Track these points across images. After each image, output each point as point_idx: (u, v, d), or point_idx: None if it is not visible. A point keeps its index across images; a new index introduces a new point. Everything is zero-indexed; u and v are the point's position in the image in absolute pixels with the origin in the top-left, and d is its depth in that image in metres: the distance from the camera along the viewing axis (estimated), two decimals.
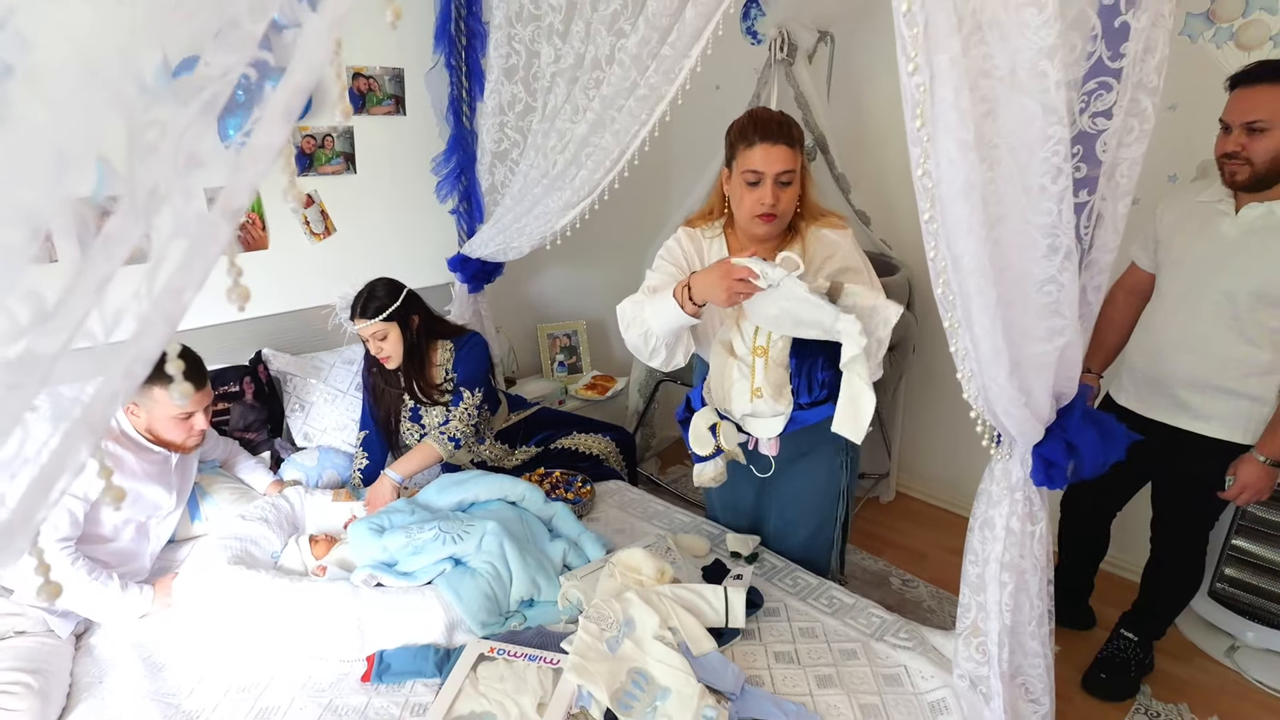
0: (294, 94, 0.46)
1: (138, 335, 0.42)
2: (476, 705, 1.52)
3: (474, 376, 2.35)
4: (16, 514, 0.44)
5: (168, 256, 0.43)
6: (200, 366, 1.88)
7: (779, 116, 1.69)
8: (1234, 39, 2.23)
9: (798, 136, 1.69)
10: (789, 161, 1.64)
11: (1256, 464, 1.93)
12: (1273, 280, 1.84)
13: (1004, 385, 1.25)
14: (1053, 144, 0.97)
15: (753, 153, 1.64)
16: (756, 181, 1.65)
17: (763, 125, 1.65)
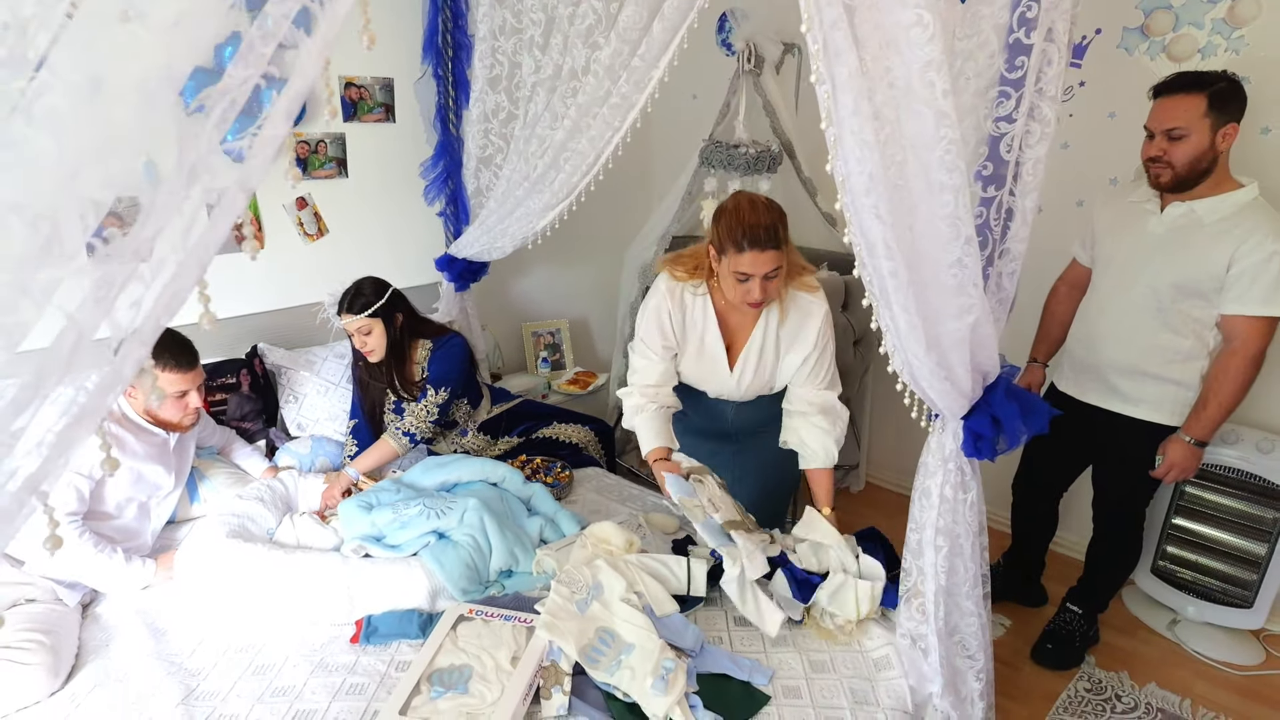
0: (293, 99, 0.60)
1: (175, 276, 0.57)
2: (455, 659, 1.65)
3: (444, 376, 2.43)
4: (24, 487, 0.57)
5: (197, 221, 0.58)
6: (189, 348, 1.98)
7: (766, 221, 1.77)
8: (1166, 51, 2.40)
9: (785, 230, 1.80)
10: (777, 261, 1.78)
11: (1182, 444, 2.09)
12: (1192, 273, 2.00)
13: (923, 359, 1.40)
14: (945, 144, 1.12)
15: (742, 258, 1.77)
16: (746, 279, 1.80)
17: (751, 234, 1.75)
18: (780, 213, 1.81)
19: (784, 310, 1.93)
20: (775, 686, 1.65)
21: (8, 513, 0.56)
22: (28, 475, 0.57)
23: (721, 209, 1.84)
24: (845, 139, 1.11)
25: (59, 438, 0.57)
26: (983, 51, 1.29)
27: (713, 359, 2.01)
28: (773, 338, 1.96)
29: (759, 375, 2.01)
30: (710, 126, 2.90)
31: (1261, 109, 2.20)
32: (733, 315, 1.99)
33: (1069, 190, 2.64)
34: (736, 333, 2.00)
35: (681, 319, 2.01)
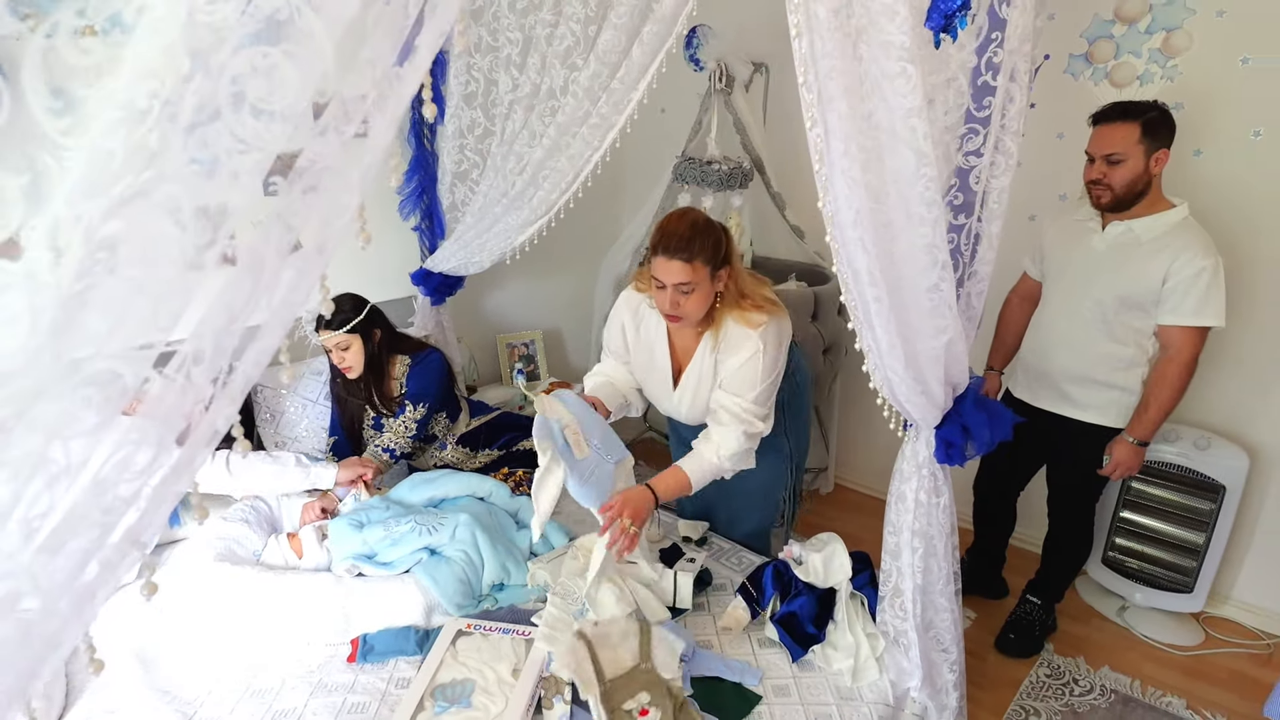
0: (365, 171, 0.66)
1: (260, 337, 0.62)
2: (457, 673, 1.70)
3: (422, 391, 2.45)
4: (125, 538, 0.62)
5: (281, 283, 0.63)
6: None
7: (683, 231, 1.75)
8: (1108, 78, 2.56)
9: (704, 247, 1.75)
10: (686, 275, 1.75)
11: (1127, 444, 2.24)
12: (1132, 287, 2.15)
13: (902, 375, 1.50)
14: (925, 181, 1.22)
15: (656, 262, 1.78)
16: (662, 286, 1.82)
17: (665, 241, 1.76)
18: (711, 233, 1.77)
19: (720, 339, 1.92)
20: (765, 686, 1.73)
21: (110, 564, 0.61)
22: (128, 528, 0.61)
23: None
24: (835, 178, 1.19)
25: (155, 492, 0.62)
26: (951, 89, 1.39)
27: (660, 375, 2.06)
28: (710, 364, 1.95)
29: (698, 399, 2.00)
30: (679, 140, 2.98)
31: (1193, 133, 2.36)
32: (680, 336, 2.01)
33: (1021, 206, 2.78)
34: (683, 355, 2.02)
35: (636, 331, 2.07)
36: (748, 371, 1.87)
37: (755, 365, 1.86)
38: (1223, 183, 2.42)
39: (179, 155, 0.57)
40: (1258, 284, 2.44)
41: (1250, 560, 2.66)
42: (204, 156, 0.59)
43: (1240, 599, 2.71)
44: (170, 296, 0.59)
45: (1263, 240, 2.41)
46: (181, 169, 0.57)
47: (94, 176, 0.53)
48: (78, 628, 0.64)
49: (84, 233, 0.53)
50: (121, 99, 0.54)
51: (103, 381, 0.58)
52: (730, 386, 1.90)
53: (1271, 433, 2.54)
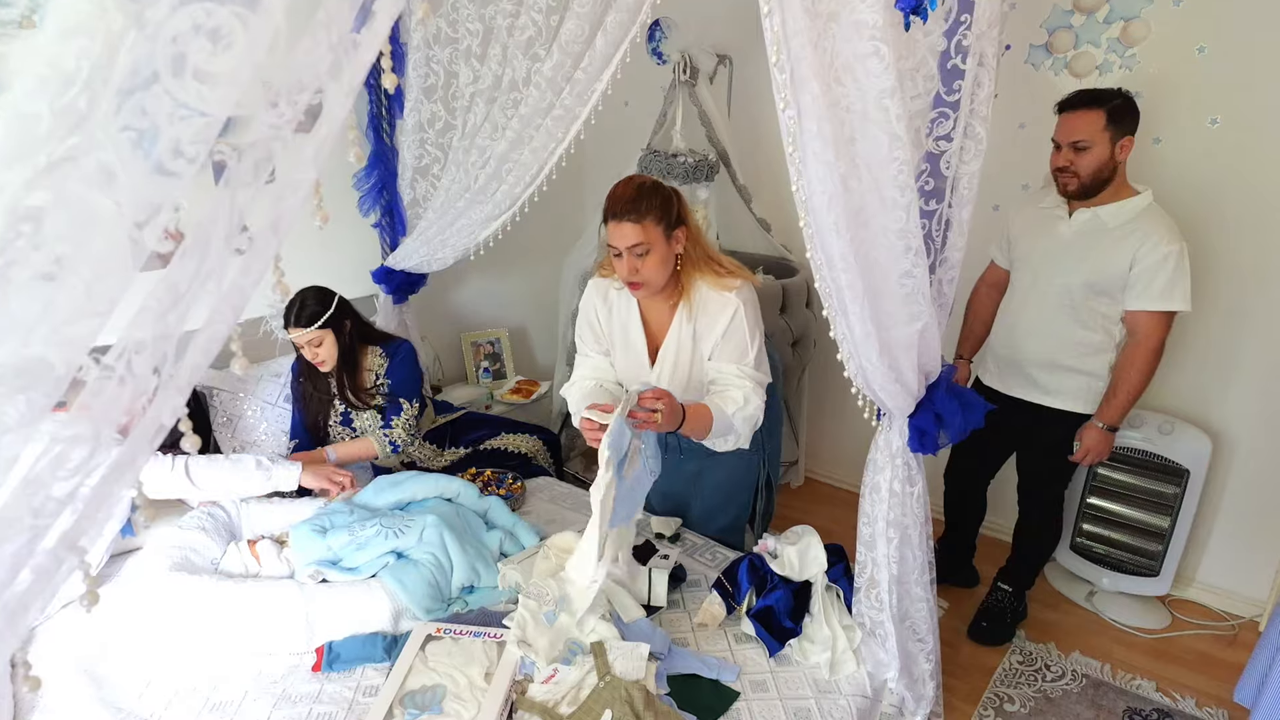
0: (320, 144, 0.61)
1: (209, 323, 0.57)
2: (427, 679, 1.64)
3: (410, 386, 2.46)
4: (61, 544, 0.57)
5: (230, 266, 0.58)
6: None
7: (631, 193, 1.74)
8: (1068, 68, 2.59)
9: (652, 207, 1.74)
10: (638, 236, 1.74)
11: (1096, 430, 2.26)
12: (1099, 273, 2.17)
13: (876, 364, 1.48)
14: (898, 164, 1.20)
15: (609, 229, 1.77)
16: (618, 254, 1.79)
17: (614, 202, 1.75)
18: (659, 193, 1.75)
19: (695, 308, 1.90)
20: (743, 682, 1.71)
21: (44, 571, 0.55)
22: (63, 532, 0.56)
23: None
24: (808, 161, 1.17)
25: (94, 493, 0.56)
26: (920, 73, 1.38)
27: (636, 354, 2.03)
28: (689, 333, 1.92)
29: (678, 372, 1.98)
30: (643, 134, 2.95)
31: (1152, 121, 2.40)
32: (652, 312, 1.99)
33: (985, 196, 2.76)
34: (658, 330, 2.00)
35: (608, 314, 2.03)
36: (735, 335, 1.86)
37: (740, 327, 1.85)
38: (1182, 170, 2.46)
39: (111, 121, 0.52)
40: (1216, 269, 2.48)
41: (1214, 543, 2.72)
42: (141, 124, 0.54)
43: (1205, 581, 2.76)
44: (105, 277, 0.54)
45: (1221, 226, 2.46)
46: (115, 136, 0.52)
47: (16, 142, 0.48)
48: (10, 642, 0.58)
49: (6, 204, 0.48)
50: (46, 57, 0.49)
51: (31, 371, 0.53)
52: (724, 355, 1.88)
53: (1233, 416, 2.59)
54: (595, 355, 2.09)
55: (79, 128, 0.50)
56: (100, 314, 0.55)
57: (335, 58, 0.60)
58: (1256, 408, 2.55)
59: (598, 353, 2.09)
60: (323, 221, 0.71)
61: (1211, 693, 2.34)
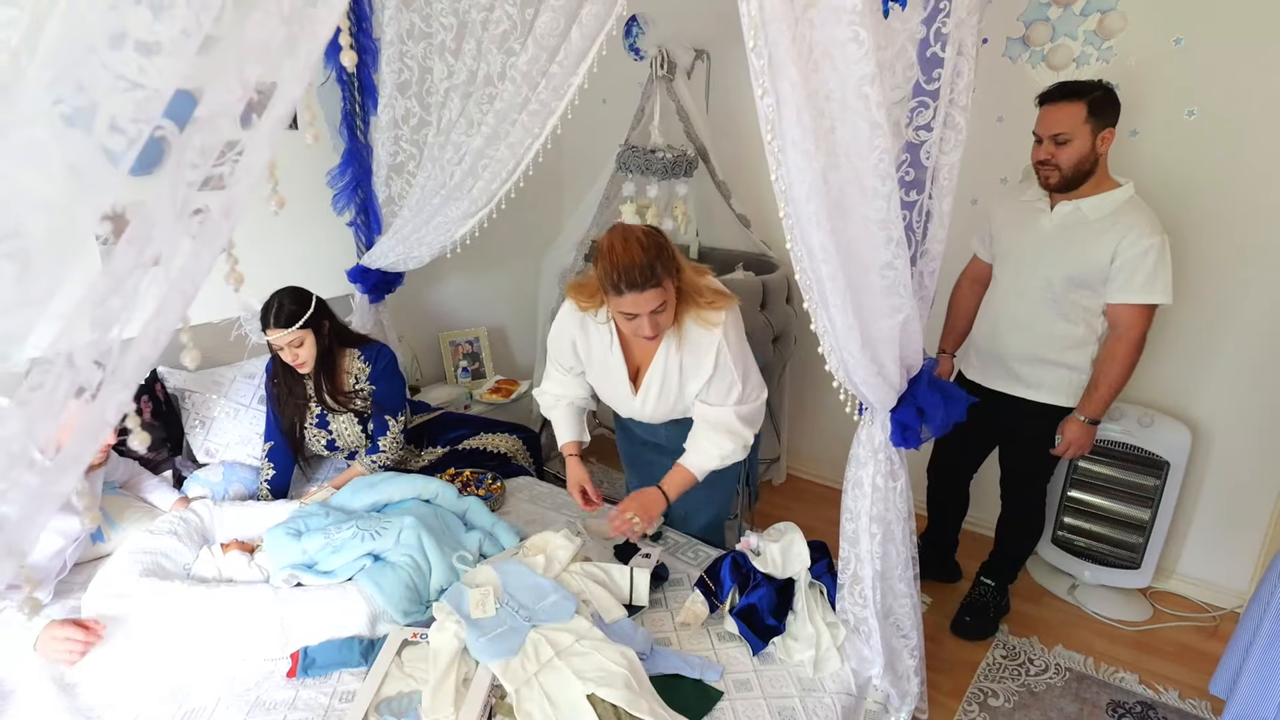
0: (275, 123, 0.58)
1: (158, 313, 0.53)
2: (404, 686, 1.61)
3: (396, 399, 2.45)
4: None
5: (179, 251, 0.54)
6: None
7: (640, 261, 1.68)
8: (1045, 61, 2.59)
9: (665, 266, 1.71)
10: (658, 298, 1.72)
11: (1078, 423, 2.26)
12: (1081, 266, 2.16)
13: (858, 357, 1.46)
14: (878, 153, 1.18)
15: (623, 300, 1.71)
16: (633, 317, 1.76)
17: (627, 276, 1.68)
18: (658, 246, 1.72)
19: (682, 338, 1.89)
20: (726, 681, 1.69)
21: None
22: None
23: (598, 250, 1.75)
24: (788, 149, 1.15)
25: (33, 494, 0.53)
26: (900, 62, 1.36)
27: (616, 384, 2.01)
28: (675, 365, 1.92)
29: (663, 401, 1.98)
30: (621, 130, 2.92)
31: (1130, 113, 2.39)
32: (635, 342, 1.96)
33: (963, 189, 2.76)
34: (640, 360, 1.98)
35: (587, 345, 2.00)
36: (723, 376, 1.89)
37: (726, 365, 1.87)
38: (1159, 162, 2.47)
39: (42, 95, 0.48)
40: (1194, 261, 2.49)
41: (1194, 534, 2.73)
42: (77, 99, 0.51)
43: (1185, 573, 2.78)
44: (40, 261, 0.50)
45: (1198, 218, 2.47)
46: (47, 111, 0.48)
47: None
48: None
49: None
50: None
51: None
52: (712, 398, 1.92)
53: (1212, 408, 2.61)
54: (567, 376, 2.10)
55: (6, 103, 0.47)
56: (36, 302, 0.51)
57: (289, 31, 0.57)
58: (1236, 399, 2.56)
59: (572, 373, 2.09)
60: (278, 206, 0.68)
61: (1194, 684, 2.34)
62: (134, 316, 0.55)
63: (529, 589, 1.80)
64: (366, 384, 2.43)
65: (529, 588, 1.80)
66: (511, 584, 1.81)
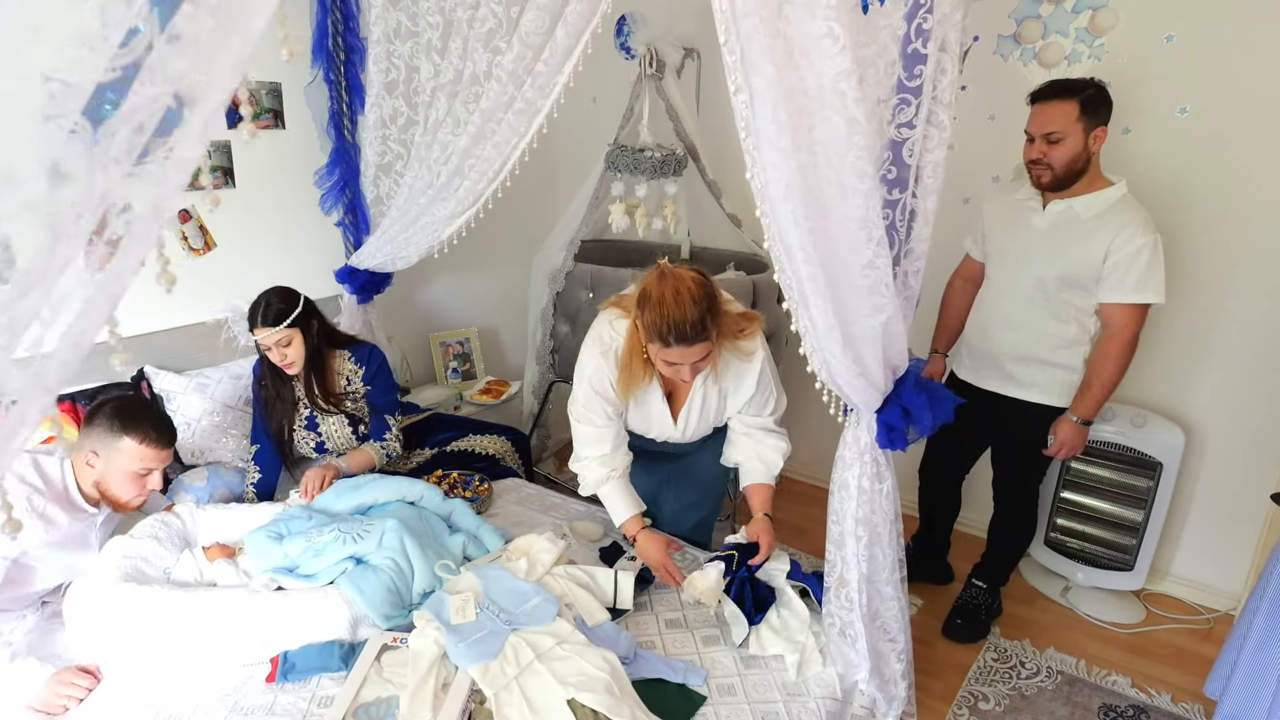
0: (208, 117, 0.56)
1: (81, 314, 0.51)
2: (382, 691, 1.59)
3: (392, 400, 2.46)
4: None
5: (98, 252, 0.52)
6: (170, 425, 1.91)
7: (693, 316, 1.66)
8: (1037, 58, 2.57)
9: (711, 324, 1.70)
10: (706, 350, 1.73)
11: (1071, 423, 2.24)
12: (1073, 266, 2.14)
13: (840, 357, 1.44)
14: (857, 150, 1.16)
15: (670, 352, 1.71)
16: (675, 365, 1.76)
17: (678, 331, 1.66)
18: (708, 297, 1.71)
19: (719, 368, 1.90)
20: (710, 686, 1.67)
21: None
22: None
23: (645, 295, 1.72)
24: (763, 147, 1.13)
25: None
26: (882, 59, 1.34)
27: (659, 416, 2.02)
28: (715, 389, 1.97)
29: (703, 421, 2.03)
30: (611, 131, 2.90)
31: (1122, 111, 2.37)
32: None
33: (955, 189, 2.78)
34: (677, 386, 1.98)
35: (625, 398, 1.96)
36: (763, 393, 1.97)
37: (767, 384, 1.96)
38: (1152, 160, 2.45)
39: None
40: (1187, 260, 2.47)
41: (1187, 536, 2.71)
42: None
43: (1179, 575, 2.75)
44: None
45: (1191, 216, 2.44)
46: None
47: None
48: None
49: None
50: None
51: None
52: (753, 410, 2.00)
53: (1205, 408, 2.58)
54: (608, 424, 1.97)
55: None
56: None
57: (218, 23, 0.55)
58: (1229, 399, 2.54)
59: (612, 420, 1.97)
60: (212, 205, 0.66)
61: (1187, 687, 2.32)
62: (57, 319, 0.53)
63: (510, 593, 1.78)
64: (360, 385, 2.42)
65: (510, 592, 1.78)
66: (493, 588, 1.79)
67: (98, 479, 1.85)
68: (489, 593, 1.78)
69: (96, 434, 1.81)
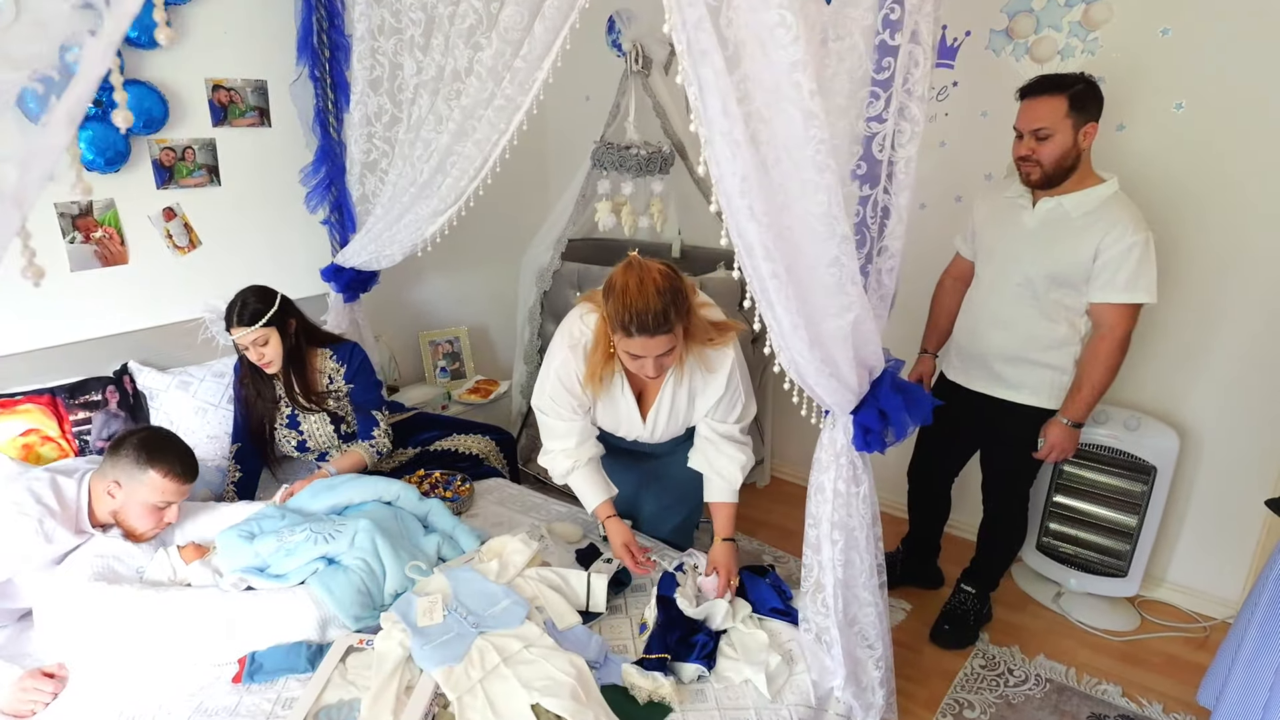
0: (76, 103, 0.54)
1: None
2: (345, 693, 1.57)
3: (376, 396, 2.45)
4: None
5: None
6: (193, 461, 1.92)
7: (656, 306, 1.64)
8: (1029, 53, 2.52)
9: (679, 311, 1.68)
10: (668, 344, 1.69)
11: (1061, 426, 2.19)
12: (1063, 264, 2.10)
13: (807, 357, 1.41)
14: (815, 144, 1.12)
15: (633, 342, 1.68)
16: (639, 358, 1.73)
17: (640, 321, 1.64)
18: (674, 290, 1.68)
19: (688, 369, 1.88)
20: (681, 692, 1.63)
21: None
22: None
23: (610, 284, 1.71)
24: (715, 140, 1.10)
25: None
26: (853, 54, 1.31)
27: (626, 413, 1.98)
28: (684, 389, 1.92)
29: (672, 422, 1.99)
30: (602, 128, 2.88)
31: (1116, 107, 2.33)
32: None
33: (947, 186, 2.75)
34: (646, 385, 1.95)
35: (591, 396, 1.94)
36: (730, 399, 1.93)
37: (736, 389, 1.92)
38: (1147, 157, 2.39)
39: None
40: (1183, 259, 2.42)
41: (1183, 542, 2.65)
42: None
43: (1174, 581, 2.69)
44: None
45: (1187, 214, 2.39)
46: None
47: None
48: None
49: None
50: None
51: None
52: (719, 415, 1.96)
53: (1200, 411, 2.52)
54: (574, 419, 1.96)
55: None
56: None
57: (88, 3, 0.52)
58: (1225, 402, 2.48)
59: (578, 415, 1.96)
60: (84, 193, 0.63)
61: (1179, 697, 2.26)
62: None
63: (479, 595, 1.75)
64: (342, 383, 2.41)
65: (479, 594, 1.75)
66: (462, 590, 1.76)
67: (116, 509, 1.86)
68: (458, 594, 1.76)
69: (122, 465, 1.83)
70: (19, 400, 2.19)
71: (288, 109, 2.69)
